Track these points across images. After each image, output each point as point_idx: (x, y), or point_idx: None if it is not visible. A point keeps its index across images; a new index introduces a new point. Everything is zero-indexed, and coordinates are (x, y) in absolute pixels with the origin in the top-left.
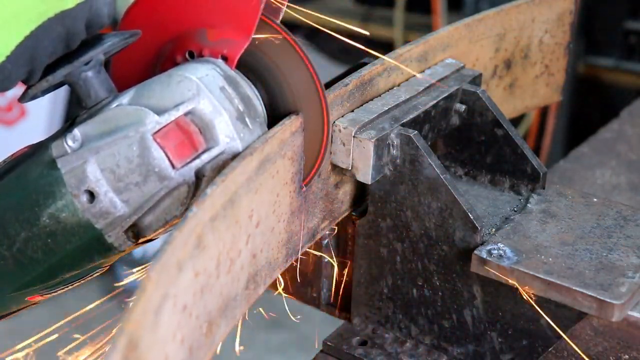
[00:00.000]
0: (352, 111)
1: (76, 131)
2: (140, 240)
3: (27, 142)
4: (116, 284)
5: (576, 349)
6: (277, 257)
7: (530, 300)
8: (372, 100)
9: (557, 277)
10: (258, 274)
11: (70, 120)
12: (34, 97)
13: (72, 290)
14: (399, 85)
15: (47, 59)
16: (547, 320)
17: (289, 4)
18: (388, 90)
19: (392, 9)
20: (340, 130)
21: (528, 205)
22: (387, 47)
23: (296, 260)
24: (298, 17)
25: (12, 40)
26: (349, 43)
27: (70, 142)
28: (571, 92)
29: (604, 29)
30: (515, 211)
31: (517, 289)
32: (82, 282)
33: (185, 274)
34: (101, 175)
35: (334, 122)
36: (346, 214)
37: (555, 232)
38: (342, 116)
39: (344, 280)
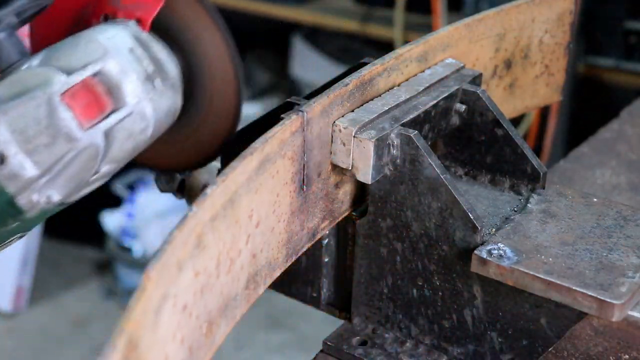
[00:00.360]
0: (352, 111)
1: None
2: (51, 205)
3: None
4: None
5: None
6: (277, 257)
7: None
8: (372, 100)
9: (557, 277)
10: (258, 274)
11: None
12: None
13: (72, 290)
14: (399, 85)
15: None
16: (547, 320)
17: (289, 4)
18: (388, 90)
19: (392, 9)
20: (340, 130)
21: (528, 205)
22: (387, 47)
23: (296, 260)
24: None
25: None
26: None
27: None
28: (571, 92)
29: (604, 29)
30: (515, 211)
31: (517, 289)
32: (2, 248)
33: (185, 274)
34: (10, 137)
35: (334, 122)
36: (346, 214)
37: (555, 232)
38: (342, 116)
39: (344, 281)
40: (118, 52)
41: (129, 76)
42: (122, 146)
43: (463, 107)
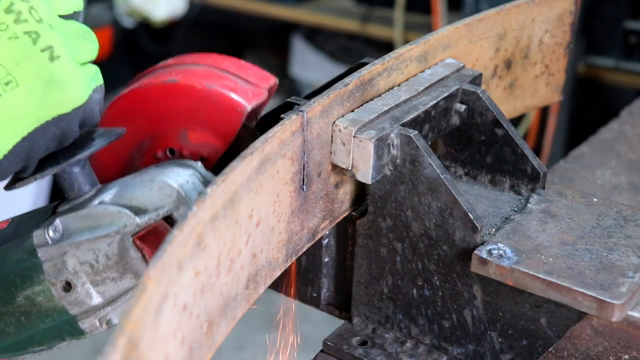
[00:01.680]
0: (352, 111)
1: (58, 222)
2: (112, 326)
3: (14, 198)
4: None
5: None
6: (277, 257)
7: None
8: (372, 100)
9: (557, 277)
10: (258, 274)
11: (52, 209)
12: (19, 187)
13: None
14: (399, 85)
15: (40, 156)
16: (547, 320)
17: (289, 4)
18: (388, 90)
19: (392, 9)
20: (340, 130)
21: (528, 205)
22: (387, 47)
23: (296, 260)
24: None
25: (10, 141)
26: (349, 43)
27: (51, 233)
28: (571, 92)
29: (604, 29)
30: (515, 211)
31: (517, 289)
32: (49, 351)
33: (186, 274)
34: (80, 268)
35: (334, 122)
36: (346, 214)
37: (555, 232)
38: (342, 116)
39: (344, 281)
40: (189, 199)
41: None
42: None
43: (463, 107)
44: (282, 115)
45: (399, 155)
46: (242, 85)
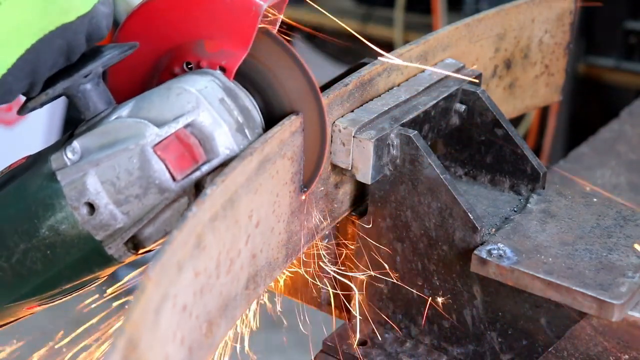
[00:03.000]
0: (352, 111)
1: (75, 143)
2: (140, 251)
3: (26, 142)
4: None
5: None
6: (277, 257)
7: None
8: (372, 100)
9: (557, 277)
10: (258, 274)
11: (70, 132)
12: (33, 109)
13: None
14: (398, 85)
15: (47, 72)
16: (547, 320)
17: (289, 4)
18: (388, 90)
19: (392, 9)
20: (340, 130)
21: (528, 205)
22: (387, 47)
23: (296, 260)
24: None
25: (14, 54)
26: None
27: (69, 155)
28: (571, 92)
29: (604, 29)
30: (515, 211)
31: (517, 289)
32: (81, 291)
33: (185, 274)
34: (101, 188)
35: (334, 122)
36: (346, 214)
37: (555, 232)
38: (342, 116)
39: (344, 281)
40: (210, 103)
41: (222, 127)
42: None
43: (463, 107)
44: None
45: (398, 155)
46: None
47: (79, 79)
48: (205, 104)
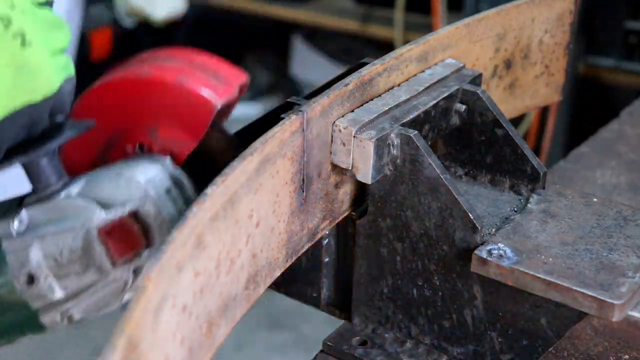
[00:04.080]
0: (353, 111)
1: (23, 214)
2: (73, 322)
3: None
4: None
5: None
6: (277, 257)
7: None
8: (372, 100)
9: (557, 277)
10: (258, 274)
11: (18, 201)
12: None
13: None
14: (399, 85)
15: (8, 145)
16: (547, 320)
17: (289, 4)
18: (388, 90)
19: (392, 9)
20: (340, 130)
21: (528, 205)
22: (387, 47)
23: (296, 260)
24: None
25: None
26: (349, 43)
27: (16, 225)
28: (571, 92)
29: (604, 29)
30: (515, 211)
31: (517, 289)
32: (8, 344)
33: (185, 274)
34: (43, 261)
35: (334, 122)
36: (346, 214)
37: (555, 232)
38: (342, 116)
39: (344, 281)
40: (157, 194)
41: (164, 217)
42: None
43: (463, 107)
44: (282, 115)
45: (399, 155)
46: (212, 81)
47: (35, 157)
48: (151, 194)
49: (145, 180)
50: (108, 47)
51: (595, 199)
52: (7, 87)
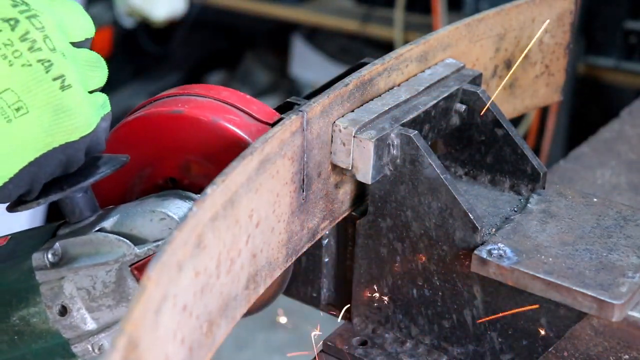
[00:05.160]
0: (352, 111)
1: (57, 246)
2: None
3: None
4: None
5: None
6: (277, 257)
7: None
8: (372, 100)
9: (557, 277)
10: (258, 274)
11: (53, 231)
12: (22, 210)
13: None
14: (399, 85)
15: (45, 181)
16: (547, 320)
17: (289, 4)
18: (388, 90)
19: (392, 9)
20: (340, 130)
21: (528, 205)
22: (387, 47)
23: (296, 260)
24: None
25: (17, 165)
26: (349, 43)
27: (50, 257)
28: (571, 92)
29: (604, 29)
30: (515, 211)
31: (517, 289)
32: None
33: (186, 274)
34: (77, 294)
35: (334, 122)
36: (346, 214)
37: (555, 232)
38: (342, 116)
39: (344, 281)
40: None
41: None
42: None
43: (463, 107)
44: (282, 115)
45: (399, 155)
46: (246, 120)
47: (71, 193)
48: None
49: (178, 217)
50: (108, 47)
51: (595, 199)
52: (45, 126)
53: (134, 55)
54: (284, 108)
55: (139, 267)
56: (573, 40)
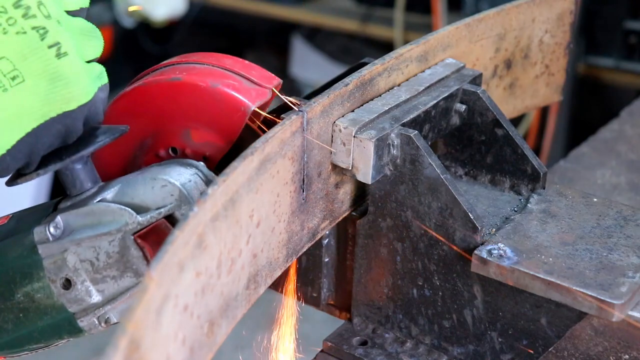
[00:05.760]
0: (353, 111)
1: (59, 219)
2: (110, 325)
3: (13, 193)
4: None
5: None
6: (277, 257)
7: None
8: (372, 100)
9: (557, 277)
10: (259, 274)
11: (53, 206)
12: (21, 182)
13: None
14: (399, 85)
15: (43, 153)
16: (547, 320)
17: (289, 4)
18: (388, 90)
19: (392, 9)
20: (340, 130)
21: (528, 205)
22: (387, 47)
23: (297, 260)
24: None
25: (14, 136)
26: (349, 43)
27: (52, 230)
28: (571, 92)
29: (604, 29)
30: (515, 211)
31: (517, 289)
32: (46, 349)
33: (187, 274)
34: (80, 266)
35: (335, 122)
36: (346, 214)
37: (556, 232)
38: (343, 116)
39: (344, 281)
40: (191, 197)
41: None
42: None
43: (463, 107)
44: (282, 115)
45: (399, 155)
46: (245, 84)
47: (70, 163)
48: (187, 198)
49: (180, 184)
50: (108, 47)
51: (595, 199)
52: (42, 95)
53: (134, 55)
54: (284, 108)
55: (142, 236)
56: (573, 40)
